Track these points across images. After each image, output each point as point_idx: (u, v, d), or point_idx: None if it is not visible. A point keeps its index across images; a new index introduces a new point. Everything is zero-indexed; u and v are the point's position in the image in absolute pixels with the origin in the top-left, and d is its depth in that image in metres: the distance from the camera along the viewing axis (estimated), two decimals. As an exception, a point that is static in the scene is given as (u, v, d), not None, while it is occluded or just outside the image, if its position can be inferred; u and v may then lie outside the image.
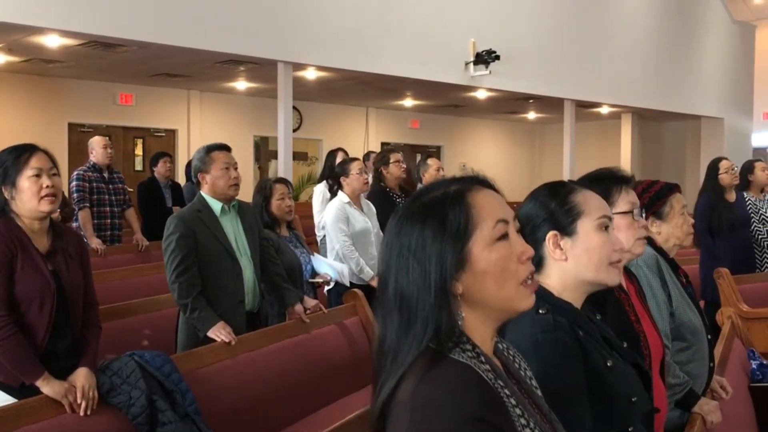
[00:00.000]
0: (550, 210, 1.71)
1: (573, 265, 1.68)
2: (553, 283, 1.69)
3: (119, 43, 8.26)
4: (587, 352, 1.58)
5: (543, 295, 1.63)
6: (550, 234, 1.69)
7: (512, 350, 1.41)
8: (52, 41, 8.35)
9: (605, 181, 2.07)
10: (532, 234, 1.69)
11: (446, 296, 1.21)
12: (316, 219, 6.10)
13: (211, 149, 3.67)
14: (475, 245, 1.23)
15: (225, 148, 3.73)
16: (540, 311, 1.60)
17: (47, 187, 2.70)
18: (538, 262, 1.70)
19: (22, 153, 2.72)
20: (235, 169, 3.70)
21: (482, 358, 1.23)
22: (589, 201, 1.72)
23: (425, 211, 1.25)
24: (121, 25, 7.43)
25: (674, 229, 2.78)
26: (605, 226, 1.71)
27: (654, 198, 2.77)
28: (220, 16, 8.12)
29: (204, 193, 3.66)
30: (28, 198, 2.69)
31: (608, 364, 1.59)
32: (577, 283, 1.69)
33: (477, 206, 1.25)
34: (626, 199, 2.09)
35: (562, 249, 1.69)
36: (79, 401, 2.68)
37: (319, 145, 14.72)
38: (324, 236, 5.86)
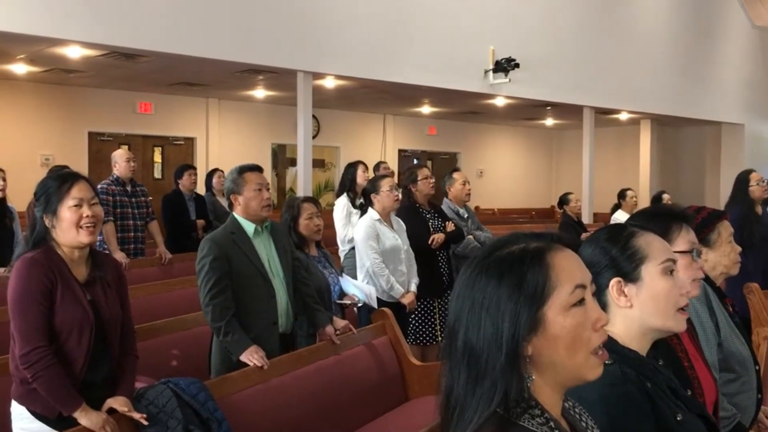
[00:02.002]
0: (611, 256, 1.66)
1: (638, 312, 1.64)
2: (617, 331, 1.64)
3: (139, 54, 8.27)
4: (656, 406, 1.53)
5: (608, 344, 1.58)
6: (614, 281, 1.64)
7: (578, 408, 1.37)
8: (74, 52, 8.38)
9: (665, 218, 2.01)
10: (593, 281, 1.63)
11: (517, 358, 1.17)
12: (340, 234, 6.07)
13: (243, 170, 3.64)
14: (550, 309, 1.19)
15: (257, 169, 3.70)
16: (606, 361, 1.55)
17: (87, 217, 2.68)
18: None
19: (64, 182, 2.70)
20: (268, 189, 3.67)
21: (551, 424, 1.20)
22: (652, 244, 1.67)
23: (502, 267, 1.21)
24: (141, 36, 7.44)
25: (722, 257, 2.72)
26: (670, 270, 1.66)
27: (701, 225, 2.71)
28: (239, 27, 8.12)
29: (237, 214, 3.64)
30: (68, 227, 2.66)
31: (678, 419, 1.54)
32: (643, 330, 1.64)
33: (556, 268, 1.21)
34: (686, 238, 2.02)
35: (626, 296, 1.64)
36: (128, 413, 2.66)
37: (336, 152, 14.72)
38: (348, 251, 5.85)
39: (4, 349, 2.77)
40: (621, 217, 8.08)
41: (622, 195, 8.94)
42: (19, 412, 2.69)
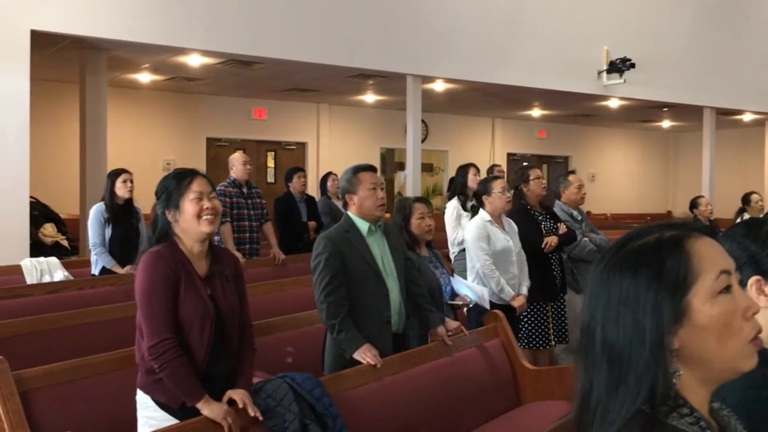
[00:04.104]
0: (750, 252, 1.55)
1: (781, 313, 1.53)
2: (757, 332, 1.54)
3: (255, 61, 8.56)
4: (803, 412, 1.42)
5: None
6: (753, 279, 1.54)
7: (726, 410, 1.28)
8: (194, 60, 8.74)
9: None
10: None
11: (662, 352, 1.11)
12: (450, 236, 6.07)
13: (358, 170, 3.67)
14: (695, 298, 1.12)
15: (371, 168, 3.73)
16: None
17: (207, 209, 2.77)
18: (740, 309, 1.55)
19: (184, 178, 2.81)
20: (382, 189, 3.69)
21: (702, 424, 1.12)
22: None
23: (637, 259, 1.15)
24: (256, 43, 7.69)
25: None
26: None
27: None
28: (349, 33, 8.24)
29: (351, 213, 3.67)
30: (190, 219, 2.76)
31: (828, 427, 1.43)
32: (786, 332, 1.53)
33: (697, 255, 1.14)
34: None
35: (767, 296, 1.54)
36: (241, 407, 2.72)
37: (444, 156, 14.71)
38: (458, 252, 5.82)
39: (132, 342, 2.88)
40: (746, 221, 7.68)
41: (746, 199, 8.50)
42: (144, 401, 2.79)
